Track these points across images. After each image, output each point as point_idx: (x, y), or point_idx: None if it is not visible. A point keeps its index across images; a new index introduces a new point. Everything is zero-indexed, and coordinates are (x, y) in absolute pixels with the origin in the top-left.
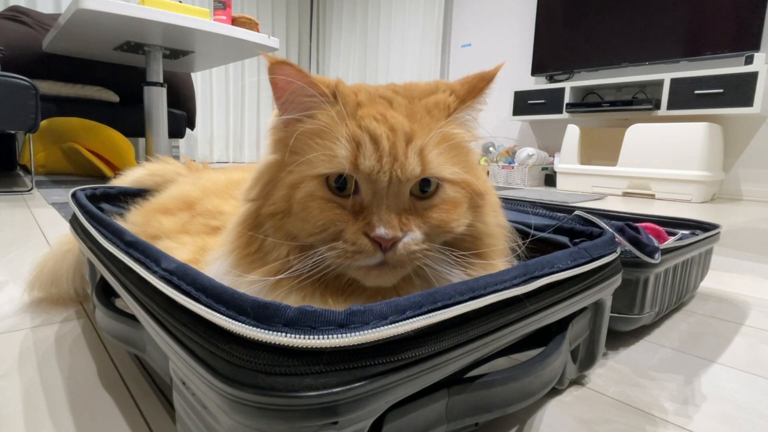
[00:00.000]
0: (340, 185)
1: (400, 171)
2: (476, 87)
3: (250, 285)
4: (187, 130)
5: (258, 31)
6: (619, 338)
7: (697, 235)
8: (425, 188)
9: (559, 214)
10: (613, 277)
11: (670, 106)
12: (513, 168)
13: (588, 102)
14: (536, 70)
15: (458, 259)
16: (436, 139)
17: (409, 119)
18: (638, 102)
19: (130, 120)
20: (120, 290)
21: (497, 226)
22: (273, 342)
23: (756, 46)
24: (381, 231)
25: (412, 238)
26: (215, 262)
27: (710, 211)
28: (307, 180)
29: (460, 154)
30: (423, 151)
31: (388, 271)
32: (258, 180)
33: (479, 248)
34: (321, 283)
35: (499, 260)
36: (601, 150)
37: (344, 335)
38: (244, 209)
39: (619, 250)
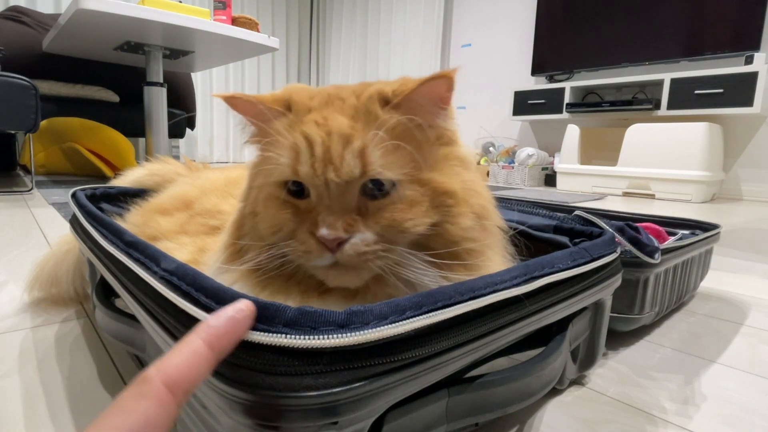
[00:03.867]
0: (297, 188)
1: (334, 174)
2: (409, 83)
3: (219, 274)
4: (187, 130)
5: (258, 31)
6: (619, 338)
7: (697, 235)
8: (377, 188)
9: (559, 214)
10: (613, 277)
11: (670, 106)
12: (513, 168)
13: (588, 102)
14: (536, 70)
15: (429, 261)
16: (381, 138)
17: (354, 119)
18: (638, 102)
19: (130, 120)
20: (120, 290)
21: (474, 229)
22: (273, 342)
23: (756, 46)
24: (323, 231)
25: (361, 239)
26: (210, 261)
27: (710, 211)
28: (268, 184)
29: (419, 151)
30: (364, 152)
31: (344, 272)
32: (246, 182)
33: (453, 250)
34: (295, 281)
35: (484, 262)
36: (601, 150)
37: (344, 335)
38: (237, 209)
39: (619, 250)
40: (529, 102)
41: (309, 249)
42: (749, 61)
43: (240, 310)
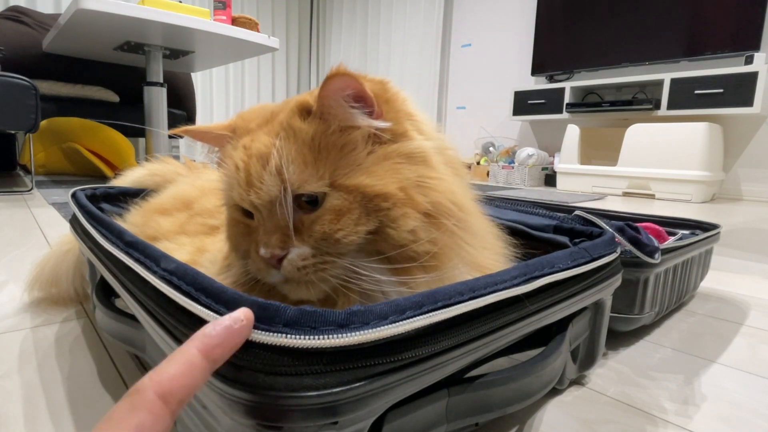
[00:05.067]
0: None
1: (255, 196)
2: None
3: None
4: None
5: (258, 31)
6: (619, 338)
7: (697, 235)
8: (309, 201)
9: (559, 214)
10: (613, 277)
11: (670, 106)
12: (513, 168)
13: (588, 102)
14: (536, 70)
15: (386, 268)
16: (296, 152)
17: (277, 136)
18: (638, 102)
19: (130, 120)
20: (120, 290)
21: (423, 228)
22: (273, 342)
23: (756, 46)
24: (261, 250)
25: (297, 253)
26: (206, 264)
27: (710, 211)
28: (227, 206)
29: (343, 156)
30: (280, 170)
31: (297, 286)
32: None
33: (405, 254)
34: (274, 293)
35: (444, 262)
36: (601, 150)
37: (344, 335)
38: None
39: (619, 250)
40: (529, 102)
41: (259, 267)
42: (749, 61)
43: (237, 319)
